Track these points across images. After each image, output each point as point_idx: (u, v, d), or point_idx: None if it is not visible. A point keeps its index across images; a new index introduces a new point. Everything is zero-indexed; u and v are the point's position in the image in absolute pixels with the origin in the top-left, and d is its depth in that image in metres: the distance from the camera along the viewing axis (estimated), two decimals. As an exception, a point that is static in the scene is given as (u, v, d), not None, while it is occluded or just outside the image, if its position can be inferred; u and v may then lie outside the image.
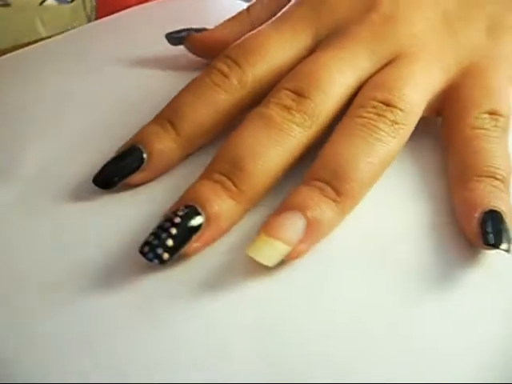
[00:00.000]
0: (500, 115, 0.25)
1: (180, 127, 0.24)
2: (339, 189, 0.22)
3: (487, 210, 0.22)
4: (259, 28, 0.27)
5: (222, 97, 0.25)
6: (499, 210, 0.22)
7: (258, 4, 0.32)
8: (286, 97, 0.24)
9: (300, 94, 0.24)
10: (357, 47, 0.26)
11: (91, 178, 0.24)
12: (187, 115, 0.24)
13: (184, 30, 0.30)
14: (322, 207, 0.22)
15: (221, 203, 0.22)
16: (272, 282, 0.22)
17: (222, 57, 0.26)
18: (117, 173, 0.24)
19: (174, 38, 0.30)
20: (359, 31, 0.26)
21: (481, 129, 0.25)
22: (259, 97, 0.25)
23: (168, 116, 0.25)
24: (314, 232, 0.22)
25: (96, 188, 0.24)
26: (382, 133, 0.23)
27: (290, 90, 0.24)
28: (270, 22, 0.27)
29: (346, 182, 0.22)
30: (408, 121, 0.24)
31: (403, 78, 0.25)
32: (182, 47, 0.31)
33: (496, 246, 0.22)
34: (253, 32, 0.27)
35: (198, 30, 0.30)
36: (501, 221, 0.22)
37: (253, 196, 0.23)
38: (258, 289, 0.22)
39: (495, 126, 0.25)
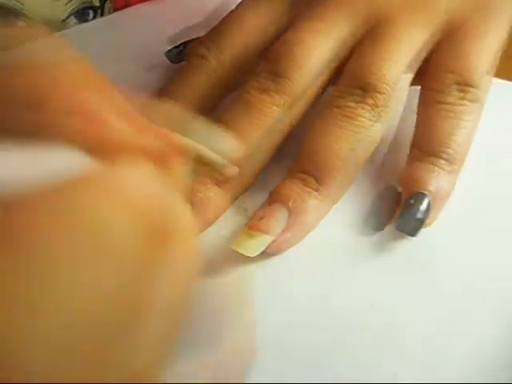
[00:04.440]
0: (470, 85, 0.24)
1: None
2: (321, 178, 0.23)
3: (414, 192, 0.23)
4: (236, 6, 0.27)
5: (202, 79, 0.25)
6: (426, 193, 0.22)
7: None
8: (263, 79, 0.24)
9: (277, 74, 0.24)
10: (334, 14, 0.25)
11: None
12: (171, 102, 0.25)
13: (181, 45, 0.30)
14: (305, 197, 0.22)
15: (206, 190, 0.22)
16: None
17: (202, 39, 0.26)
18: None
19: (175, 54, 0.30)
20: None
21: (444, 103, 0.24)
22: (242, 72, 0.25)
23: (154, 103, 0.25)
24: (297, 221, 0.22)
25: None
26: (363, 119, 0.23)
27: (268, 72, 0.24)
28: None
29: (328, 172, 0.23)
30: (389, 101, 0.24)
31: (382, 55, 0.24)
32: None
33: (403, 229, 0.22)
34: (230, 11, 0.27)
35: (193, 40, 0.30)
36: (419, 203, 0.22)
37: (241, 183, 0.23)
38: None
39: (462, 98, 0.24)
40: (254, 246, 0.21)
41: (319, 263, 0.23)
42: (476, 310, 0.21)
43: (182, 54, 0.30)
